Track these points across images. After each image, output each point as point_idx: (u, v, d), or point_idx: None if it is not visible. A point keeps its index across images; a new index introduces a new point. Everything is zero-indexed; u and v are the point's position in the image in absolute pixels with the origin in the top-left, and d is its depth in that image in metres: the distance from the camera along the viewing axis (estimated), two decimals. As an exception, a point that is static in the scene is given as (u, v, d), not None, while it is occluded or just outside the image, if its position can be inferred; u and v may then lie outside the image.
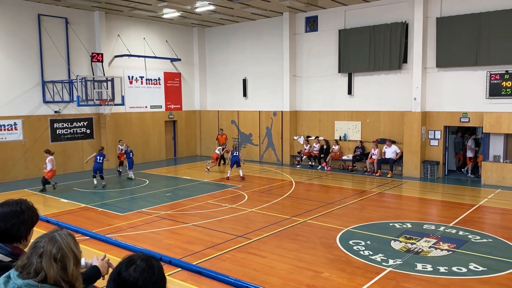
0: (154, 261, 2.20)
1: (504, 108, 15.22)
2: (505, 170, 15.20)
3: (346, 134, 19.50)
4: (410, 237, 9.58)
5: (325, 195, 14.45)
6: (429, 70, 16.91)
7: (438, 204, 13.33)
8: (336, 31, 19.17)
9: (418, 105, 16.83)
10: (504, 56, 15.07)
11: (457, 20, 15.94)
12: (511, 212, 11.92)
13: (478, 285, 7.13)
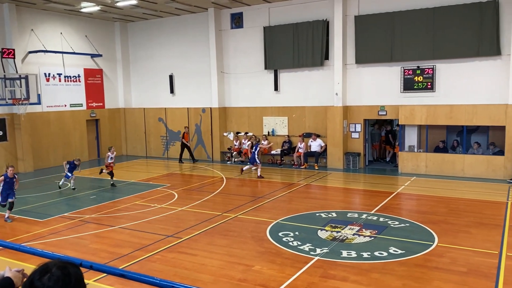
0: (72, 268, 2.07)
1: (417, 101, 16.41)
2: (419, 158, 16.41)
3: (274, 129, 19.89)
4: (335, 225, 10.02)
5: (256, 190, 14.64)
6: (349, 67, 17.75)
7: (360, 193, 14.07)
8: (261, 28, 19.44)
9: (340, 100, 17.61)
10: (415, 52, 16.22)
11: (373, 19, 16.88)
12: (426, 198, 12.90)
13: (398, 267, 7.64)
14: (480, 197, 12.60)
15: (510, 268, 7.43)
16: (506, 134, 14.85)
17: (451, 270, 7.46)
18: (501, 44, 14.84)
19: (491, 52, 14.93)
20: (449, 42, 15.57)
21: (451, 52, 15.60)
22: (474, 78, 15.47)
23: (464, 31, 15.28)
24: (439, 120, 15.96)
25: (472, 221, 10.26)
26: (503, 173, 14.89)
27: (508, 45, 14.66)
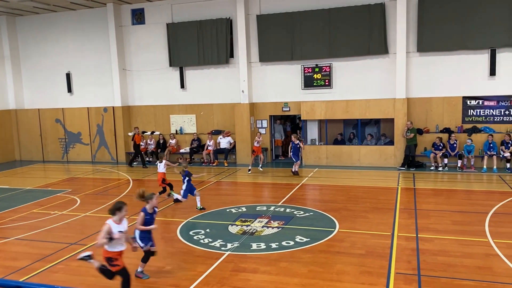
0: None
1: (317, 98, 17.37)
2: (320, 151, 17.40)
3: (182, 128, 19.69)
4: (245, 220, 10.27)
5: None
6: (254, 65, 18.20)
7: (268, 187, 14.55)
8: (164, 24, 19.08)
9: (246, 97, 17.99)
10: (314, 51, 17.14)
11: (274, 18, 17.48)
12: (327, 187, 13.75)
13: (303, 254, 8.08)
14: (375, 184, 13.76)
15: (401, 247, 8.25)
16: (394, 126, 16.37)
17: (351, 253, 8.07)
18: (388, 43, 16.28)
19: (380, 51, 16.32)
20: (343, 42, 16.70)
21: (345, 51, 16.76)
22: (366, 75, 16.79)
23: (356, 31, 16.50)
24: (336, 114, 17.08)
25: (369, 207, 11.17)
26: (394, 161, 16.40)
27: (394, 45, 16.14)
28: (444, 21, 15.49)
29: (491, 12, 15.00)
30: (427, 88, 16.19)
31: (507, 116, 15.55)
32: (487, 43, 15.22)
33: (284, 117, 19.80)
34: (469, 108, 15.94)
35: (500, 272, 7.04)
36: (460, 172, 15.25)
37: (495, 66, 15.26)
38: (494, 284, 6.60)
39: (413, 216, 10.18)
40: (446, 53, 15.80)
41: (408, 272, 7.15)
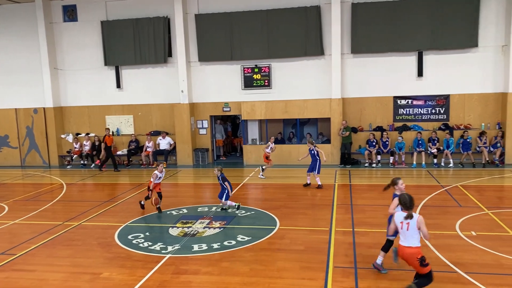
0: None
1: (257, 98, 17.54)
2: (261, 150, 17.54)
3: (119, 129, 19.07)
4: (186, 221, 10.15)
5: (101, 194, 13.86)
6: (193, 64, 18.02)
7: (210, 188, 14.46)
8: (98, 22, 18.38)
9: (186, 97, 17.78)
10: (253, 52, 17.29)
11: (213, 18, 17.42)
12: (268, 186, 13.93)
13: (245, 253, 8.13)
14: (313, 181, 14.12)
15: (339, 242, 8.55)
16: (331, 125, 16.92)
17: (291, 250, 8.24)
18: (324, 45, 16.79)
19: (316, 52, 16.80)
20: (281, 43, 17.00)
21: (284, 52, 17.07)
22: (303, 75, 17.21)
23: (293, 33, 16.86)
24: (276, 114, 17.35)
25: (308, 204, 11.47)
26: (331, 159, 16.94)
27: (329, 46, 16.68)
28: (375, 24, 16.24)
29: (418, 17, 15.94)
30: (361, 89, 16.89)
31: (434, 115, 16.61)
32: (415, 46, 16.16)
33: (225, 117, 19.79)
34: (399, 107, 16.84)
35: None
36: (392, 168, 16.07)
37: (423, 67, 16.25)
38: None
39: (349, 211, 10.58)
40: (378, 55, 16.58)
41: (346, 265, 7.42)
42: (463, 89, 16.18)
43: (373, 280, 6.80)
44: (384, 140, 16.37)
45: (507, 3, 15.24)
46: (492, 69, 15.85)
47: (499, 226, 9.10)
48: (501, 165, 15.50)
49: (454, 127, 16.29)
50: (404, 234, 6.02)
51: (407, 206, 6.00)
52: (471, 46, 15.79)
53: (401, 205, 6.10)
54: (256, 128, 18.09)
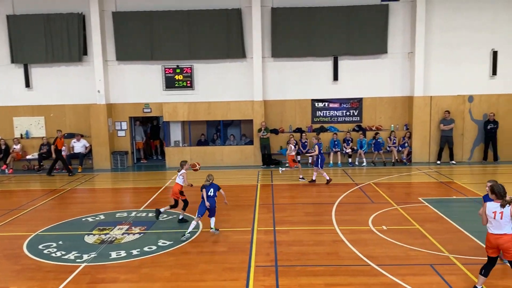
0: None
1: (179, 99, 17.27)
2: (184, 152, 17.34)
3: (28, 131, 17.71)
4: (103, 228, 9.69)
5: (8, 201, 12.76)
6: (111, 63, 17.29)
7: (129, 192, 13.98)
8: (3, 16, 16.94)
9: (103, 98, 17.00)
10: (174, 52, 17.00)
11: (131, 16, 16.85)
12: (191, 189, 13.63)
13: (167, 257, 7.95)
14: (237, 183, 14.24)
15: (260, 241, 8.68)
16: (253, 127, 17.16)
17: (214, 252, 8.22)
18: (245, 48, 16.99)
19: (238, 55, 16.95)
20: (204, 44, 16.92)
21: (206, 53, 17.01)
22: (226, 77, 17.27)
23: (215, 35, 16.86)
24: (199, 116, 17.23)
25: (231, 205, 11.41)
26: (253, 160, 17.19)
27: (251, 49, 16.91)
28: (294, 29, 16.76)
29: (333, 24, 16.72)
30: (281, 91, 17.34)
31: (348, 117, 17.54)
32: (331, 52, 16.94)
33: (146, 118, 19.22)
34: (317, 109, 17.55)
35: (345, 256, 7.89)
36: (310, 167, 16.67)
37: (338, 72, 17.08)
38: (340, 267, 7.37)
39: (271, 210, 10.80)
40: (297, 59, 17.12)
41: (267, 264, 7.56)
42: (374, 92, 17.26)
43: (293, 277, 6.99)
44: (303, 141, 16.95)
45: (412, 14, 16.54)
46: (400, 74, 17.09)
47: (407, 220, 9.82)
48: (409, 163, 16.76)
49: (367, 128, 17.32)
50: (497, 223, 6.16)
51: (501, 195, 6.21)
52: (381, 53, 16.90)
53: (495, 194, 6.29)
54: (179, 129, 17.81)
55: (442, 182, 13.63)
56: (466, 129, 16.74)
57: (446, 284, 6.63)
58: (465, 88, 16.65)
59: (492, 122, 16.30)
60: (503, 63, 16.38)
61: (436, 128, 16.68)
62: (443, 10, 16.42)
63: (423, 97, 16.64)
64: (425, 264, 7.35)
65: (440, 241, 8.36)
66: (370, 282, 6.75)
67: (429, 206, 10.83)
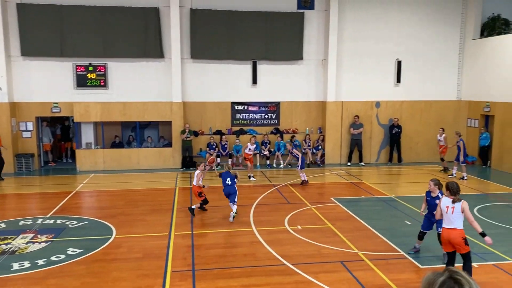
0: None
1: (91, 98, 16.40)
2: (97, 155, 16.51)
3: None
4: (4, 237, 8.89)
5: None
6: (14, 59, 15.94)
7: (35, 197, 12.97)
8: None
9: (5, 96, 15.61)
10: (87, 49, 16.13)
11: (39, 9, 15.68)
12: (105, 193, 13.14)
13: (76, 266, 7.50)
14: (154, 186, 13.87)
15: (177, 246, 8.54)
16: (172, 128, 16.85)
17: (128, 259, 7.91)
18: (163, 48, 16.64)
19: (156, 55, 16.55)
20: (119, 42, 16.26)
21: (121, 52, 16.35)
22: (143, 77, 16.74)
23: (132, 33, 16.28)
24: (114, 116, 16.51)
25: (147, 209, 11.17)
26: (172, 162, 16.87)
27: (169, 49, 16.59)
28: (214, 32, 16.76)
29: (252, 29, 17.00)
30: (201, 93, 17.23)
31: (267, 120, 17.93)
32: (250, 56, 17.19)
33: (55, 119, 17.97)
34: (236, 112, 17.71)
35: (261, 256, 8.04)
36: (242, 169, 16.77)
37: (257, 76, 17.38)
38: (257, 268, 7.50)
39: (189, 214, 10.66)
40: (216, 62, 17.14)
41: (184, 268, 7.45)
42: (291, 97, 17.84)
43: (210, 281, 6.97)
44: (223, 143, 17.00)
45: (325, 23, 17.36)
46: (314, 80, 17.84)
47: (320, 219, 10.27)
48: (322, 164, 17.55)
49: (284, 131, 17.84)
50: (449, 217, 6.49)
51: (454, 192, 6.51)
52: (297, 59, 17.52)
53: (449, 190, 6.59)
54: (91, 131, 16.91)
55: (352, 182, 14.46)
56: (373, 132, 17.95)
57: (355, 279, 7.04)
58: (373, 95, 17.85)
59: (396, 127, 17.65)
60: (406, 72, 17.83)
61: (347, 132, 17.67)
62: (353, 21, 17.46)
63: (335, 102, 17.54)
64: (336, 262, 7.74)
65: (350, 239, 8.86)
66: (285, 281, 6.95)
67: (340, 205, 11.42)
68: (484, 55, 17.07)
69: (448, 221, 6.54)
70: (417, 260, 7.81)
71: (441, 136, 15.83)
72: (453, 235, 6.47)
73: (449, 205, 6.52)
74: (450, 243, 6.55)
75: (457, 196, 6.53)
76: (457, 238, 6.46)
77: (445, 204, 6.59)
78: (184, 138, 16.47)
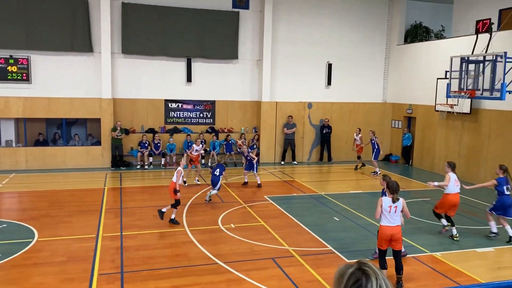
0: None
1: (12, 93, 15.28)
2: (18, 154, 15.43)
3: None
4: None
5: None
6: None
7: None
8: None
9: None
10: (7, 40, 15.00)
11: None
12: (26, 194, 12.32)
13: (-9, 273, 6.96)
14: (81, 186, 13.22)
15: (105, 248, 8.21)
16: (101, 126, 16.16)
17: (51, 262, 7.48)
18: (92, 42, 15.91)
19: (84, 49, 15.78)
20: (43, 34, 15.31)
21: (46, 45, 15.42)
22: (71, 72, 15.90)
23: (58, 25, 15.41)
24: (37, 113, 15.53)
25: (73, 210, 10.63)
26: (101, 161, 16.19)
27: (99, 43, 15.90)
28: (146, 27, 16.30)
29: (187, 26, 16.77)
30: (132, 90, 16.69)
31: (202, 118, 17.79)
32: (184, 53, 16.94)
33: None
34: (170, 110, 17.38)
35: (193, 256, 7.96)
36: (163, 169, 16.44)
37: (191, 73, 17.18)
38: (188, 268, 7.41)
39: (118, 215, 10.31)
40: (149, 58, 16.70)
41: (112, 271, 7.18)
42: (226, 96, 17.84)
43: (139, 282, 6.79)
44: (156, 142, 16.60)
45: (260, 23, 17.56)
46: (249, 80, 17.99)
47: (253, 217, 10.37)
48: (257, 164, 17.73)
49: (219, 130, 17.80)
50: (392, 216, 6.72)
51: (394, 191, 6.74)
52: (232, 58, 17.55)
53: (389, 189, 6.81)
54: (12, 128, 15.77)
55: (285, 181, 14.78)
56: (305, 132, 18.46)
57: (285, 275, 7.19)
58: (305, 96, 18.35)
59: (327, 127, 18.28)
60: (336, 75, 18.52)
61: (281, 132, 18.01)
62: (288, 23, 17.83)
63: (270, 102, 17.81)
64: (267, 258, 7.86)
65: (281, 236, 9.04)
66: (217, 280, 6.93)
67: (273, 203, 11.62)
68: (407, 60, 18.20)
69: (391, 219, 6.75)
70: (344, 254, 8.14)
71: (357, 136, 16.78)
72: (395, 232, 6.73)
73: (391, 205, 6.75)
74: (391, 240, 6.77)
75: (395, 195, 6.77)
76: (399, 234, 6.77)
77: (387, 204, 6.78)
78: (115, 136, 15.87)
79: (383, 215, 6.78)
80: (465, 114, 14.64)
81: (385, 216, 6.77)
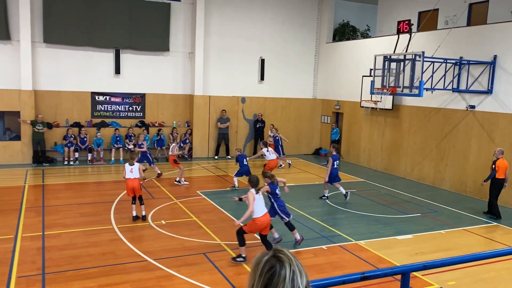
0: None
1: None
2: None
3: None
4: None
5: None
6: None
7: None
8: None
9: None
10: None
11: None
12: None
13: None
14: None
15: (25, 249, 7.70)
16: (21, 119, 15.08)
17: (-39, 268, 6.87)
18: (10, 29, 14.77)
19: (1, 36, 14.61)
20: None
21: (-44, 30, 14.08)
22: (-16, 60, 14.67)
23: (-31, 9, 14.13)
24: None
25: (-12, 210, 9.85)
26: (21, 157, 15.14)
27: (17, 31, 14.79)
28: (70, 15, 15.42)
29: (115, 15, 16.09)
30: (56, 82, 15.75)
31: (131, 112, 17.21)
32: (112, 44, 16.26)
33: None
34: (97, 103, 16.63)
35: (122, 254, 7.70)
36: (90, 165, 15.71)
37: (120, 65, 16.54)
38: (116, 266, 7.16)
39: (40, 214, 9.72)
40: (74, 48, 15.81)
41: (32, 273, 6.76)
42: (157, 89, 17.40)
43: (64, 283, 6.46)
44: (82, 136, 15.82)
45: (192, 16, 17.31)
46: (181, 73, 17.68)
47: (185, 213, 10.25)
48: (190, 158, 17.53)
49: (150, 124, 17.35)
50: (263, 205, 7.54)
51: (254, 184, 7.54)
52: (163, 50, 17.13)
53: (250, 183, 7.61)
54: None
55: (218, 175, 14.75)
56: (239, 127, 18.55)
57: (217, 269, 7.19)
58: (239, 90, 18.41)
59: (260, 121, 18.49)
60: (269, 70, 18.76)
61: (214, 126, 17.94)
62: (220, 17, 17.72)
63: (203, 96, 17.65)
64: (199, 254, 7.81)
65: (214, 230, 9.02)
66: (146, 277, 6.77)
67: (206, 198, 11.56)
68: (335, 58, 18.89)
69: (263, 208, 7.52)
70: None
71: (271, 132, 17.14)
72: (269, 218, 7.64)
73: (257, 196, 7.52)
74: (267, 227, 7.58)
75: (258, 187, 7.61)
76: (269, 220, 7.61)
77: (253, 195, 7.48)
78: (36, 130, 14.89)
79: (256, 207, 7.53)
80: (388, 110, 15.54)
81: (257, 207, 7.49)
